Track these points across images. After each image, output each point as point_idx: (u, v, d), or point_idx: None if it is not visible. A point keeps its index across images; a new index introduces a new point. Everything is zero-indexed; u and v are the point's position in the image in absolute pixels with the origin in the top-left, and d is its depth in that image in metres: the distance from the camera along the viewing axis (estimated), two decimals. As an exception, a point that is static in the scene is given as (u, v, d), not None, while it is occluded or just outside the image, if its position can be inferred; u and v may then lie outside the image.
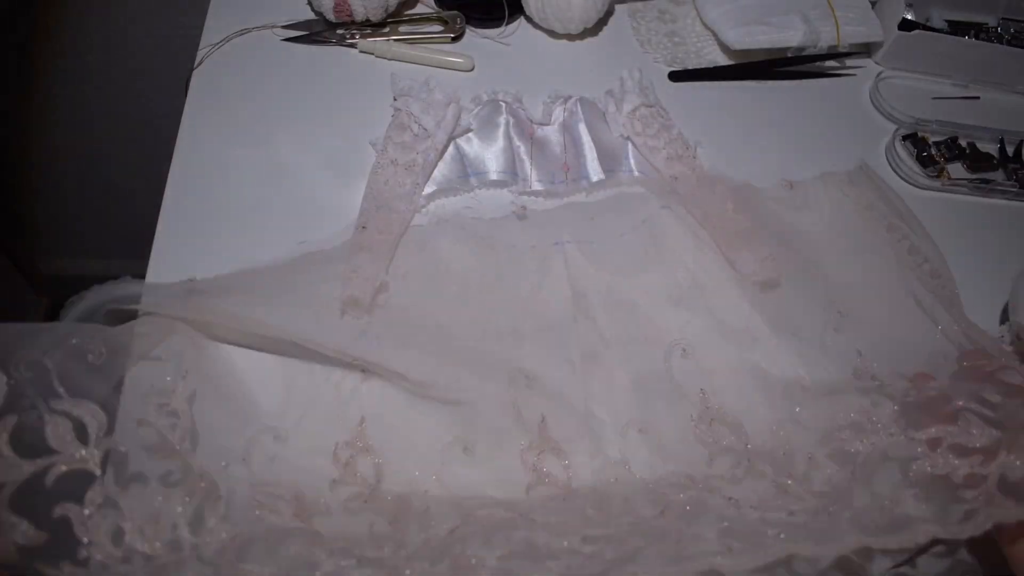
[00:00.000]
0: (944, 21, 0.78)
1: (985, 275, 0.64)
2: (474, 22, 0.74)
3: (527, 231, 0.60)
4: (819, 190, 0.65)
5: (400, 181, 0.61)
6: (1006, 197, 0.70)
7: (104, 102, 1.15)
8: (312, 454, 0.47)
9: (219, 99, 0.66)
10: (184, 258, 0.57)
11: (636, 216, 0.60)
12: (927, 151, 0.71)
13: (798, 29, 0.73)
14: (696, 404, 0.52)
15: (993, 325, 0.62)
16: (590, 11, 0.72)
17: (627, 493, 0.46)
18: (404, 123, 0.64)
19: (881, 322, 0.57)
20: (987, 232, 0.68)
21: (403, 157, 0.62)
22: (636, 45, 0.77)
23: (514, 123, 0.65)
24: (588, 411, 0.51)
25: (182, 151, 0.62)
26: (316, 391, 0.49)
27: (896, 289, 0.59)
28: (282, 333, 0.48)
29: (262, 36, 0.71)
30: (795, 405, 0.51)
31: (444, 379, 0.50)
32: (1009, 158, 0.72)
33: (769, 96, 0.75)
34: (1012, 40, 0.78)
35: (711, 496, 0.46)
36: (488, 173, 0.63)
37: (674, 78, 0.74)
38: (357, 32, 0.71)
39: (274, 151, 0.64)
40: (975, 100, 0.78)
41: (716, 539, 0.41)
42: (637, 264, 0.58)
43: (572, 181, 0.64)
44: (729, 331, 0.54)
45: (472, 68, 0.71)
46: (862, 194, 0.64)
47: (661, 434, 0.50)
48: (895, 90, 0.77)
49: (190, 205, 0.60)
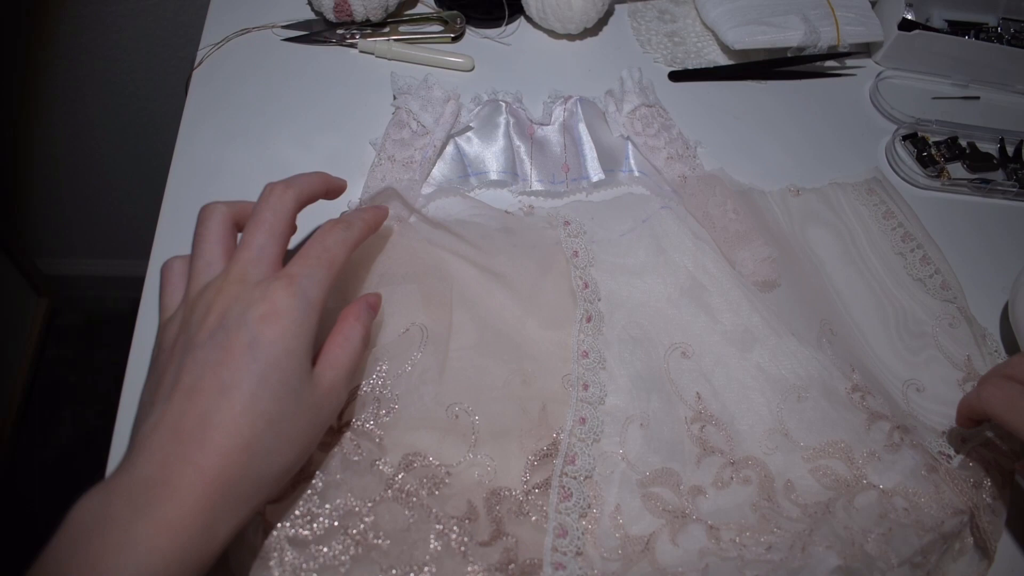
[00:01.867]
0: (944, 21, 0.78)
1: (985, 275, 0.64)
2: (474, 22, 0.74)
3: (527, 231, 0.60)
4: (836, 196, 0.65)
5: (397, 177, 0.61)
6: (1006, 197, 0.70)
7: (104, 102, 1.15)
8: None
9: (219, 99, 0.66)
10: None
11: (636, 216, 0.60)
12: (927, 151, 0.71)
13: (798, 29, 0.73)
14: (692, 405, 0.52)
15: (994, 325, 0.62)
16: (590, 11, 0.72)
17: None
18: (403, 120, 0.64)
19: (874, 333, 0.59)
20: (987, 232, 0.68)
21: (401, 154, 0.62)
22: (636, 45, 0.77)
23: (514, 123, 0.65)
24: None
25: (182, 151, 0.62)
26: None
27: (898, 301, 0.60)
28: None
29: (262, 36, 0.71)
30: (790, 412, 0.51)
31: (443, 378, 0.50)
32: (1009, 158, 0.72)
33: (769, 96, 0.75)
34: (1012, 40, 0.78)
35: (696, 526, 0.46)
36: (488, 173, 0.63)
37: (674, 78, 0.74)
38: (357, 32, 0.71)
39: (274, 151, 0.64)
40: (975, 100, 0.78)
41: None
42: (637, 264, 0.58)
43: (572, 181, 0.64)
44: (729, 332, 0.54)
45: (472, 68, 0.71)
46: (881, 202, 0.65)
47: (656, 432, 0.50)
48: (895, 90, 0.77)
49: (190, 205, 0.60)
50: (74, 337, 1.53)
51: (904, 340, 0.58)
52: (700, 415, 0.51)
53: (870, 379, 0.54)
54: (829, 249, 0.62)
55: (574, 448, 0.48)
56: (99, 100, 1.14)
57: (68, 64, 1.08)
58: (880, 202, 0.65)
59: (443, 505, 0.44)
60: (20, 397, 1.42)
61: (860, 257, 0.62)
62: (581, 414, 0.50)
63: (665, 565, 0.45)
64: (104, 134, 1.21)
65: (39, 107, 1.15)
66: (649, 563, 0.45)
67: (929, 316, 0.59)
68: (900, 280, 0.61)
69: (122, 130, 1.20)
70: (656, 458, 0.49)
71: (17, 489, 1.35)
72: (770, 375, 0.53)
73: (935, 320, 0.59)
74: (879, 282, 0.61)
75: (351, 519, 0.42)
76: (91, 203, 1.36)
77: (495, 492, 0.46)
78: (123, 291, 1.51)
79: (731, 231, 0.59)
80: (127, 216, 1.37)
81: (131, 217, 1.36)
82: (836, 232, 0.63)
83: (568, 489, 0.47)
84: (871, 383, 0.54)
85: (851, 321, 0.59)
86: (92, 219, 1.40)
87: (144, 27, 1.02)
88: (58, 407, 1.47)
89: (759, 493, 0.49)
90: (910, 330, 0.59)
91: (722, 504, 0.48)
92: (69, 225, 1.42)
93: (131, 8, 0.99)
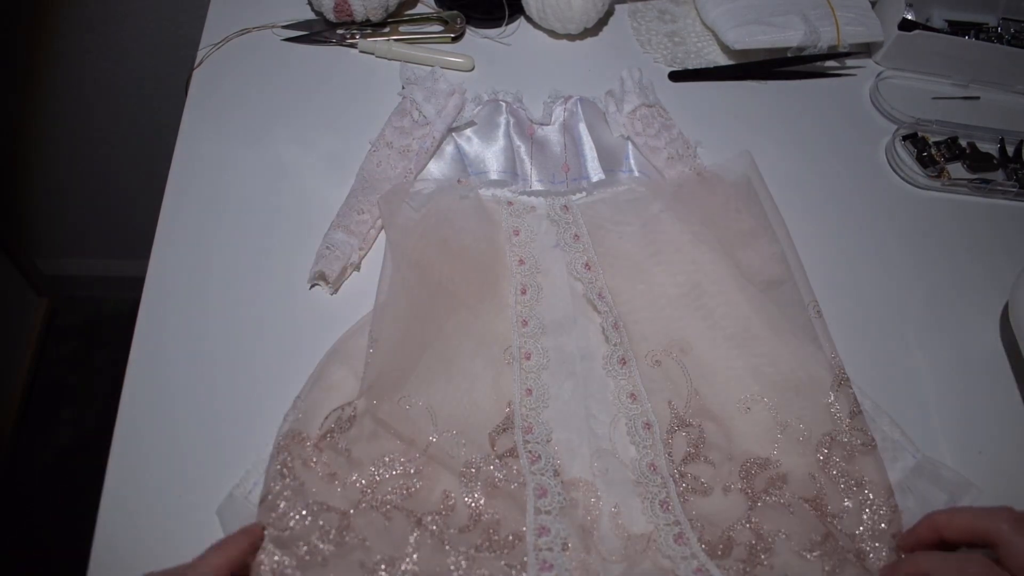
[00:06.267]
0: (944, 21, 0.78)
1: (985, 275, 0.64)
2: (474, 22, 0.74)
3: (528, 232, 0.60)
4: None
5: (392, 164, 0.61)
6: (1006, 197, 0.70)
7: (104, 102, 1.15)
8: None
9: (219, 99, 0.66)
10: (184, 258, 0.57)
11: (636, 216, 0.60)
12: (927, 151, 0.71)
13: (798, 29, 0.73)
14: (689, 406, 0.52)
15: (994, 325, 0.62)
16: (590, 11, 0.72)
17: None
18: (405, 109, 0.64)
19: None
20: (987, 232, 0.68)
21: (399, 141, 0.62)
22: (636, 45, 0.77)
23: (514, 123, 0.65)
24: (587, 411, 0.51)
25: (182, 151, 0.62)
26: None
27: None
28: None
29: (262, 36, 0.71)
30: (787, 412, 0.51)
31: (444, 380, 0.51)
32: (1009, 158, 0.72)
33: (769, 96, 0.75)
34: (1012, 40, 0.78)
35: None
36: (488, 173, 0.63)
37: (674, 78, 0.74)
38: (357, 32, 0.71)
39: (274, 151, 0.64)
40: (975, 100, 0.78)
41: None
42: (637, 264, 0.58)
43: (572, 181, 0.64)
44: (728, 331, 0.54)
45: (472, 68, 0.71)
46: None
47: (652, 432, 0.50)
48: (895, 90, 0.77)
49: (190, 205, 0.60)
50: (74, 337, 1.53)
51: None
52: (696, 414, 0.51)
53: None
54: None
55: (528, 419, 0.50)
56: (99, 100, 1.14)
57: (68, 64, 1.08)
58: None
59: (420, 505, 0.45)
60: (20, 397, 1.42)
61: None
62: (527, 385, 0.51)
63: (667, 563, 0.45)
64: (104, 134, 1.20)
65: (39, 107, 1.15)
66: (652, 562, 0.45)
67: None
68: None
69: (122, 130, 1.20)
70: (649, 456, 0.49)
71: (17, 489, 1.35)
72: (767, 375, 0.53)
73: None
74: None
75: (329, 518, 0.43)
76: (91, 203, 1.36)
77: (468, 464, 0.47)
78: (123, 291, 1.51)
79: (735, 229, 0.59)
80: (127, 216, 1.37)
81: (131, 217, 1.36)
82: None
83: (535, 453, 0.48)
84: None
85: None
86: (92, 219, 1.40)
87: (144, 27, 1.02)
88: (58, 407, 1.46)
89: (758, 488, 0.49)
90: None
91: (708, 507, 0.48)
92: (69, 225, 1.42)
93: (131, 8, 0.99)
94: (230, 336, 0.54)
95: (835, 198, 0.68)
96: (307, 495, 0.43)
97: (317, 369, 0.50)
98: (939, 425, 0.56)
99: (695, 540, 0.45)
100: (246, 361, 0.52)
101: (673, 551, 0.45)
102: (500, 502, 0.46)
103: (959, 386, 0.58)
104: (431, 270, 0.54)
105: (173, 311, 0.54)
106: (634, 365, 0.53)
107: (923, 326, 0.61)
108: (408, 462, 0.46)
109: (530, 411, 0.50)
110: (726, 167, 0.63)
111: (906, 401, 0.56)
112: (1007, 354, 0.60)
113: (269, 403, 0.48)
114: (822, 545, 0.45)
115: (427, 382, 0.50)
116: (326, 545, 0.42)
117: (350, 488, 0.45)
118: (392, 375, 0.49)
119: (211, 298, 0.55)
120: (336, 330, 0.52)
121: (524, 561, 0.43)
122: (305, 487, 0.44)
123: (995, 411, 0.57)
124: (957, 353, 0.60)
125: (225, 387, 0.51)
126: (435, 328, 0.52)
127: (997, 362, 0.60)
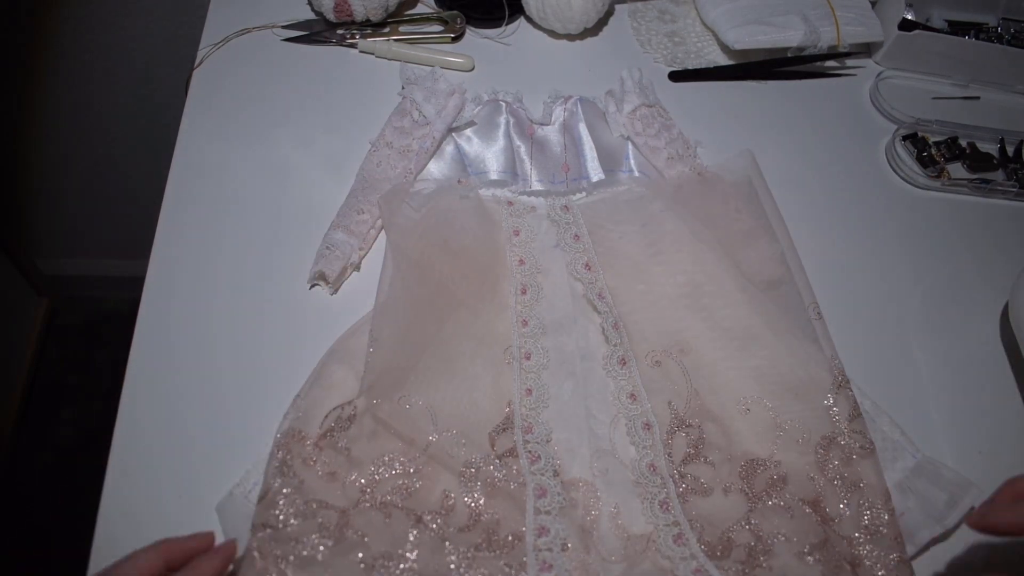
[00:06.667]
0: (944, 21, 0.78)
1: (985, 275, 0.64)
2: (474, 22, 0.74)
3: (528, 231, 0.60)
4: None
5: (392, 164, 0.61)
6: (1006, 197, 0.70)
7: (104, 102, 1.15)
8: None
9: (219, 99, 0.66)
10: (184, 258, 0.57)
11: (636, 216, 0.60)
12: (927, 151, 0.71)
13: (798, 29, 0.73)
14: (689, 407, 0.52)
15: (993, 325, 0.62)
16: (590, 11, 0.72)
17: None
18: (405, 108, 0.64)
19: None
20: (987, 232, 0.68)
21: (399, 141, 0.62)
22: (636, 45, 0.77)
23: (514, 123, 0.65)
24: (587, 411, 0.51)
25: (182, 151, 0.62)
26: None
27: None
28: None
29: (262, 36, 0.71)
30: (787, 412, 0.51)
31: (443, 382, 0.51)
32: (1009, 158, 0.72)
33: (769, 96, 0.75)
34: (1012, 40, 0.78)
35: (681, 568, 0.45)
36: (488, 173, 0.63)
37: (674, 78, 0.74)
38: (357, 32, 0.71)
39: (274, 151, 0.64)
40: (975, 100, 0.78)
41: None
42: (637, 264, 0.58)
43: (572, 181, 0.64)
44: (728, 332, 0.54)
45: (472, 68, 0.71)
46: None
47: (652, 432, 0.50)
48: (895, 90, 0.77)
49: (190, 205, 0.60)
50: (74, 337, 1.53)
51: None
52: (695, 414, 0.51)
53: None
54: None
55: (528, 419, 0.50)
56: (99, 100, 1.14)
57: (69, 65, 1.08)
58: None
59: (420, 504, 0.45)
60: (20, 397, 1.42)
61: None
62: (527, 385, 0.51)
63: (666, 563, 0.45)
64: (104, 134, 1.20)
65: (39, 108, 1.15)
66: (651, 563, 0.45)
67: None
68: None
69: (122, 130, 1.20)
70: (648, 455, 0.49)
71: (17, 489, 1.35)
72: (768, 375, 0.53)
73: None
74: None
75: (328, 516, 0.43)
76: (91, 203, 1.36)
77: (468, 464, 0.47)
78: (123, 291, 1.51)
79: (735, 229, 0.59)
80: (127, 216, 1.37)
81: (131, 217, 1.36)
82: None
83: (535, 453, 0.48)
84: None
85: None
86: (92, 219, 1.40)
87: (144, 27, 1.02)
88: (58, 407, 1.46)
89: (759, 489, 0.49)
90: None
91: (706, 508, 0.48)
92: (69, 225, 1.42)
93: (131, 8, 0.99)
94: (230, 336, 0.54)
95: (835, 198, 0.68)
96: (306, 493, 0.43)
97: (317, 368, 0.50)
98: (939, 425, 0.56)
99: (694, 541, 0.45)
100: (246, 361, 0.53)
101: (672, 551, 0.45)
102: (500, 502, 0.46)
103: (959, 386, 0.58)
104: (431, 270, 0.54)
105: (173, 311, 0.54)
106: (634, 365, 0.53)
107: (923, 326, 0.61)
108: (408, 461, 0.46)
109: (530, 411, 0.50)
110: (726, 167, 0.63)
111: (906, 401, 0.56)
112: (1007, 354, 0.60)
113: (269, 402, 0.48)
114: (820, 549, 0.45)
115: (427, 382, 0.50)
116: (325, 543, 0.42)
117: (350, 487, 0.45)
118: (392, 374, 0.49)
119: (211, 298, 0.55)
120: (336, 330, 0.52)
121: (524, 561, 0.43)
122: (304, 485, 0.44)
123: (995, 411, 0.57)
124: (957, 353, 0.60)
125: (225, 387, 0.51)
126: (435, 328, 0.52)
127: (997, 362, 0.60)
